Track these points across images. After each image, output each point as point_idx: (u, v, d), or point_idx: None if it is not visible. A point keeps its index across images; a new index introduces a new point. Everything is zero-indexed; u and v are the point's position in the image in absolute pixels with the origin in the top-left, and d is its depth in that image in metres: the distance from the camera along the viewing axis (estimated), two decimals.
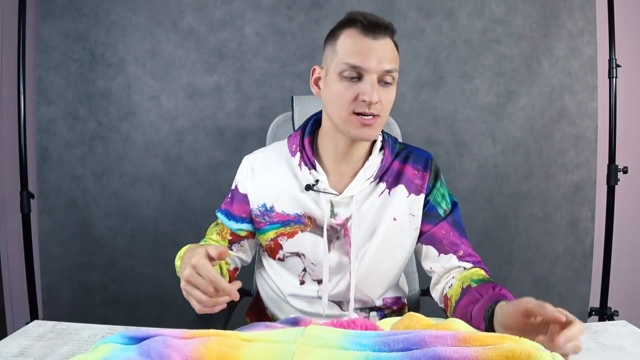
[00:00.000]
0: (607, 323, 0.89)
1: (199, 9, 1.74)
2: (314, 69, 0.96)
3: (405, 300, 1.09)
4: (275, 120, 1.25)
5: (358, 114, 0.87)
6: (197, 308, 0.74)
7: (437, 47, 1.77)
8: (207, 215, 1.05)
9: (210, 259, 0.73)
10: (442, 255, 0.95)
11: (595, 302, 1.82)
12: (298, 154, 0.97)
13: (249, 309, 1.16)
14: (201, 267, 0.71)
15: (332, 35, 0.92)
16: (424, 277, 1.01)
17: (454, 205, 1.00)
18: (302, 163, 0.96)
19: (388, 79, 0.88)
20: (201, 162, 1.78)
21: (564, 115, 1.81)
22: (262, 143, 1.21)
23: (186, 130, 1.78)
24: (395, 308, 1.04)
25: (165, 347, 0.64)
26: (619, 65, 1.70)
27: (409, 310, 1.08)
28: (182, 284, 0.75)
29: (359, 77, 0.86)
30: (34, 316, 1.70)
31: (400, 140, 1.24)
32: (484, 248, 1.77)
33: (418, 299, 1.24)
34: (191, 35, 1.75)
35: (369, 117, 0.87)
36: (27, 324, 0.90)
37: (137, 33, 1.75)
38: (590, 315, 1.82)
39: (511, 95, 1.79)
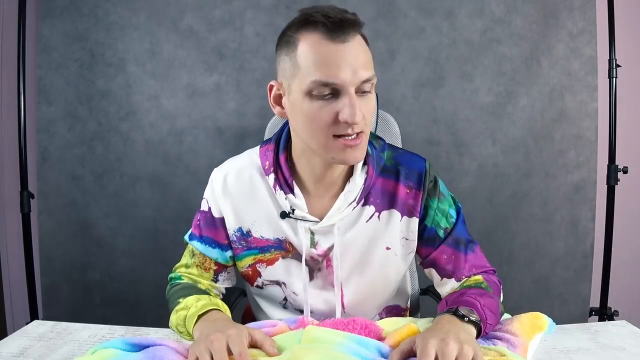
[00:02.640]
0: (607, 323, 0.89)
1: (199, 9, 1.74)
2: (271, 86, 0.81)
3: (408, 304, 1.04)
4: (272, 119, 1.24)
5: (340, 135, 0.73)
6: None
7: (437, 47, 1.76)
8: None
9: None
10: (444, 279, 0.87)
11: (595, 302, 1.82)
12: (272, 174, 0.84)
13: (244, 317, 1.13)
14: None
15: (288, 42, 0.76)
16: (424, 277, 1.01)
17: (457, 216, 0.88)
18: (278, 186, 0.83)
19: (366, 87, 0.74)
20: (201, 162, 1.78)
21: (564, 115, 1.80)
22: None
23: (186, 130, 1.78)
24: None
25: (172, 353, 0.64)
26: (619, 65, 1.70)
27: (410, 311, 1.08)
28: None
29: (334, 94, 0.72)
30: (34, 316, 1.70)
31: (397, 139, 1.24)
32: (484, 248, 1.75)
33: (418, 299, 1.24)
34: (191, 35, 1.75)
35: (353, 137, 0.73)
36: (27, 324, 0.90)
37: (137, 33, 1.75)
38: (590, 315, 1.82)
39: (511, 95, 1.79)
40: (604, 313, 1.76)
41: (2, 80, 1.86)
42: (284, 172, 0.84)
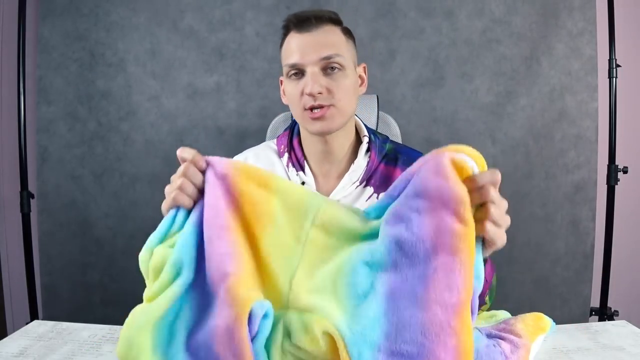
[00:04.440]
0: (607, 323, 0.89)
1: (199, 9, 1.74)
2: (281, 81, 0.96)
3: None
4: (274, 119, 1.24)
5: (309, 109, 0.86)
6: (186, 202, 0.68)
7: (437, 47, 1.77)
8: None
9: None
10: None
11: (595, 302, 1.82)
12: (286, 154, 0.96)
13: None
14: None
15: (281, 44, 0.93)
16: None
17: None
18: (290, 164, 0.95)
19: (333, 64, 0.86)
20: None
21: (564, 115, 1.80)
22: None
23: (186, 130, 1.78)
24: None
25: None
26: (619, 65, 1.70)
27: None
28: (174, 193, 0.69)
29: (301, 74, 0.87)
30: (34, 316, 1.70)
31: (398, 139, 1.24)
32: None
33: None
34: (191, 35, 1.75)
35: (318, 110, 0.86)
36: (27, 324, 0.90)
37: (137, 33, 1.75)
38: (590, 315, 1.82)
39: (511, 95, 1.79)
40: (604, 313, 1.76)
41: (2, 80, 1.86)
42: (296, 152, 0.96)
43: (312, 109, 0.86)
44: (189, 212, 0.67)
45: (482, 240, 0.59)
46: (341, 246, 0.64)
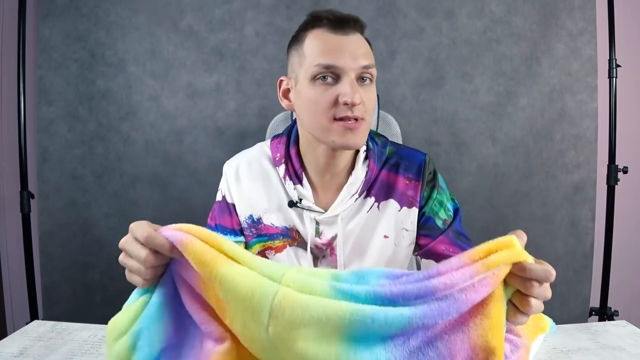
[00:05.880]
0: (607, 323, 0.89)
1: (199, 9, 1.74)
2: (281, 81, 0.87)
3: None
4: (274, 119, 1.24)
5: (340, 119, 0.77)
6: (140, 283, 0.62)
7: (437, 47, 1.77)
8: (207, 216, 1.05)
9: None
10: None
11: (595, 302, 1.82)
12: (283, 165, 0.89)
13: None
14: (135, 229, 0.59)
15: (297, 39, 0.84)
16: None
17: (455, 212, 0.91)
18: (287, 176, 0.88)
19: (367, 75, 0.79)
20: (201, 162, 1.78)
21: (564, 115, 1.81)
22: None
23: (186, 130, 1.78)
24: None
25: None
26: (619, 65, 1.70)
27: None
28: (120, 257, 0.62)
29: (336, 79, 0.78)
30: (34, 316, 1.70)
31: (398, 139, 1.24)
32: None
33: None
34: (191, 35, 1.75)
35: (353, 122, 0.77)
36: (27, 324, 0.91)
37: (137, 33, 1.75)
38: (590, 315, 1.82)
39: (511, 95, 1.79)
40: (604, 313, 1.76)
41: (2, 80, 1.86)
42: (294, 163, 0.89)
43: (345, 119, 0.77)
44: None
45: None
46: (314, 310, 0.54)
